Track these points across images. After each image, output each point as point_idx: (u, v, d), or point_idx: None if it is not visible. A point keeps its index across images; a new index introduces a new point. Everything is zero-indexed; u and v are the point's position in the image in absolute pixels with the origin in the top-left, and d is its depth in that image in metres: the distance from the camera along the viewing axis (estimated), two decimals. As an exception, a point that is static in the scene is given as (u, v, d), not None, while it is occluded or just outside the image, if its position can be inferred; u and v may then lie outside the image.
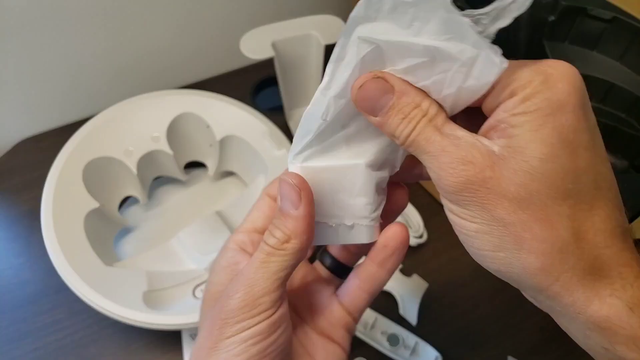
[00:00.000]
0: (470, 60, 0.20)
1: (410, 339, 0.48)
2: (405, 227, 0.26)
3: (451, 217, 0.22)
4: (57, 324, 0.50)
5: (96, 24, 0.59)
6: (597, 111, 0.67)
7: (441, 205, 0.22)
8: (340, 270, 0.29)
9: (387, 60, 0.21)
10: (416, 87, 0.21)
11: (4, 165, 0.62)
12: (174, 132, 0.55)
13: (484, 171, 0.19)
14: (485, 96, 0.20)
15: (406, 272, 0.52)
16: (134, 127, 0.54)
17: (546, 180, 0.19)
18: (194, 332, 0.48)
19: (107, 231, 0.52)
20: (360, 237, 0.25)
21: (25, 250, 0.54)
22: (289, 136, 0.57)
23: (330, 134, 0.23)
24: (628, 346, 0.18)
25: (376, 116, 0.22)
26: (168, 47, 0.66)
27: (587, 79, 0.59)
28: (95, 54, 0.62)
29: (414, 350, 0.47)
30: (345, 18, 0.61)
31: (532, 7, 0.69)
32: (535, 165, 0.19)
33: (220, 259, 0.26)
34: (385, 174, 0.24)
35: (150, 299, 0.45)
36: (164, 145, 0.54)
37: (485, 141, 0.20)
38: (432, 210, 0.57)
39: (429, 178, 0.22)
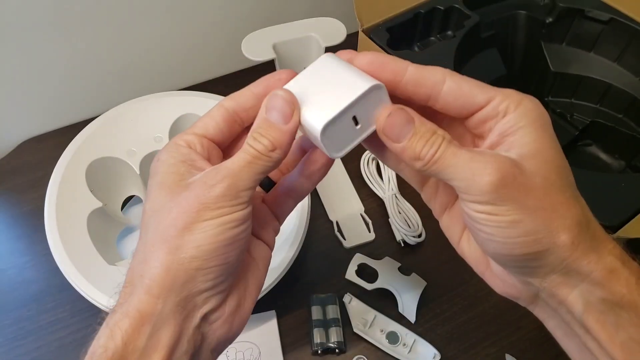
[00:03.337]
0: None
1: (409, 336, 0.49)
2: None
3: (483, 217, 0.24)
4: (60, 322, 0.50)
5: (99, 27, 0.60)
6: (594, 112, 0.67)
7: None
8: (268, 184, 0.31)
9: None
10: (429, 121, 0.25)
11: (8, 165, 0.63)
12: (176, 132, 0.55)
13: (513, 170, 0.23)
14: (471, 115, 0.25)
15: (405, 271, 0.52)
16: (136, 128, 0.54)
17: (560, 173, 0.24)
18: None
19: (110, 230, 0.53)
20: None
21: (28, 250, 0.55)
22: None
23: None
24: (623, 292, 0.24)
25: (400, 142, 0.25)
26: (170, 49, 0.67)
27: (585, 80, 0.60)
28: (98, 56, 0.63)
29: (412, 348, 0.48)
30: (345, 20, 0.62)
31: (530, 9, 0.69)
32: (549, 163, 0.24)
33: (173, 153, 0.26)
34: None
35: (153, 297, 0.45)
36: (166, 146, 0.54)
37: (500, 151, 0.24)
38: (430, 210, 0.57)
39: None
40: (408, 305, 0.50)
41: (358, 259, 0.53)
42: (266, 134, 0.25)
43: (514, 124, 0.24)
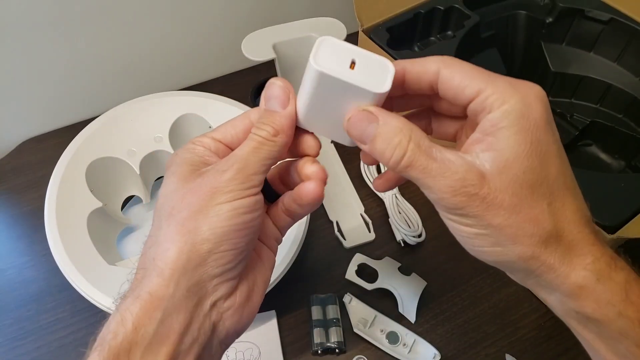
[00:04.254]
0: None
1: (409, 336, 0.49)
2: (319, 185, 0.28)
3: (450, 223, 0.25)
4: (60, 322, 0.50)
5: (99, 27, 0.60)
6: (594, 112, 0.67)
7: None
8: (271, 195, 0.32)
9: None
10: (397, 115, 0.25)
11: (8, 165, 0.63)
12: (176, 132, 0.55)
13: (481, 189, 0.23)
14: (470, 99, 0.24)
15: (405, 271, 0.52)
16: (136, 128, 0.54)
17: (531, 187, 0.23)
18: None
19: (110, 230, 0.53)
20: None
21: (28, 250, 0.55)
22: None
23: None
24: (593, 307, 0.24)
25: (365, 144, 0.25)
26: (170, 49, 0.67)
27: (585, 80, 0.60)
28: (98, 56, 0.63)
29: (412, 348, 0.48)
30: (345, 20, 0.62)
31: (530, 9, 0.69)
32: (521, 177, 0.23)
33: (189, 150, 0.28)
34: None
35: (153, 297, 0.45)
36: (166, 146, 0.54)
37: (474, 160, 0.24)
38: (430, 210, 0.56)
39: None
40: (408, 305, 0.50)
41: (358, 259, 0.53)
42: (268, 122, 0.27)
43: (496, 123, 0.23)
